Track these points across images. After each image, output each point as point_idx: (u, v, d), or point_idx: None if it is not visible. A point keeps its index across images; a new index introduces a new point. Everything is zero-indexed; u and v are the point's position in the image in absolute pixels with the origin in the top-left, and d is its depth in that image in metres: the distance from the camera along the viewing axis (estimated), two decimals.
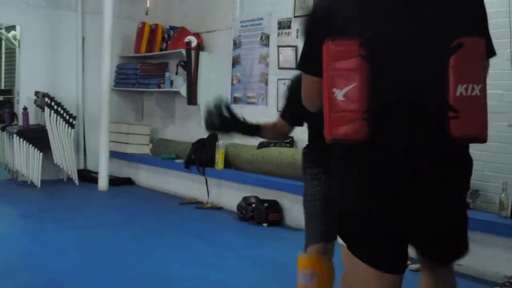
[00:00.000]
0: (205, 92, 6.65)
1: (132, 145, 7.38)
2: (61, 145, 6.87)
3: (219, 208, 5.92)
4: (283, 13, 5.85)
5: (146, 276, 3.62)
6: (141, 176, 7.34)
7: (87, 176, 7.25)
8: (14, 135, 6.70)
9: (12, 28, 8.25)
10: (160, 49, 7.29)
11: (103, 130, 6.76)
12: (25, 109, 7.00)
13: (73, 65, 7.47)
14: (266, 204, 5.23)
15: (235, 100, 6.37)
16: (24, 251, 4.22)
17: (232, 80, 6.49)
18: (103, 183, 6.79)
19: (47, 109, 6.77)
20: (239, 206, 5.41)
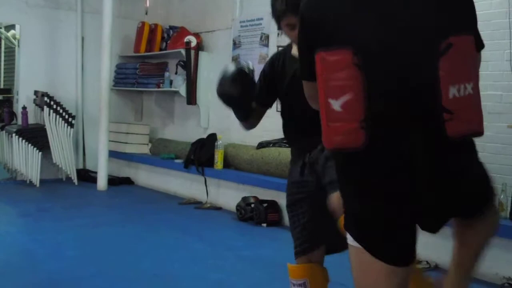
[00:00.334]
0: (205, 92, 6.65)
1: (131, 144, 7.37)
2: (60, 145, 6.86)
3: (218, 208, 5.92)
4: None
5: (145, 275, 3.62)
6: (140, 176, 7.34)
7: (86, 176, 7.24)
8: (13, 135, 6.69)
9: (11, 27, 8.27)
10: (160, 49, 7.28)
11: (102, 129, 6.75)
12: (24, 108, 6.99)
13: (73, 64, 7.46)
14: (265, 204, 5.22)
15: None
16: (23, 250, 4.22)
17: None
18: (102, 182, 6.78)
19: (46, 108, 6.76)
20: (238, 206, 5.41)
